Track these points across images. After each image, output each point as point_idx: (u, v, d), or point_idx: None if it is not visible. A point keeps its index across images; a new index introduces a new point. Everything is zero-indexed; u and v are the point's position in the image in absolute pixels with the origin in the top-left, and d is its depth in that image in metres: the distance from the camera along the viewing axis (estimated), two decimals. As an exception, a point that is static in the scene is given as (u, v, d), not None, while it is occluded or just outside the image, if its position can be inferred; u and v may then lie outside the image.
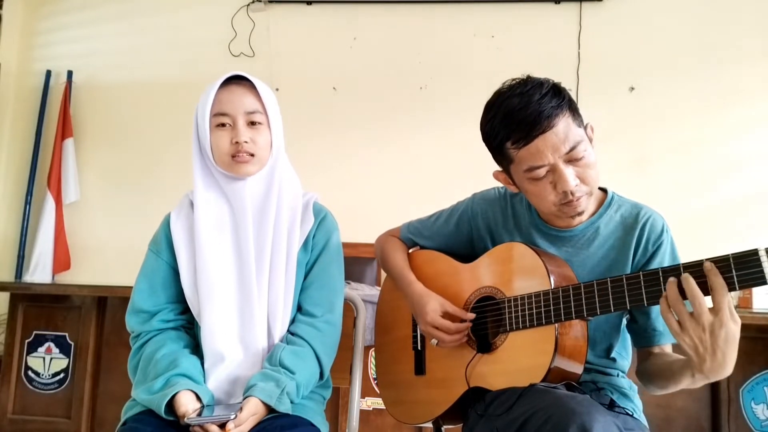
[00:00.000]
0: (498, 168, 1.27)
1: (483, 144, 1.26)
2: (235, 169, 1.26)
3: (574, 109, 1.15)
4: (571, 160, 1.13)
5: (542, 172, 1.14)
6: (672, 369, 1.12)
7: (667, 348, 1.24)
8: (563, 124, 1.12)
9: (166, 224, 1.31)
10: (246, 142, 1.24)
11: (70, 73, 3.85)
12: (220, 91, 1.26)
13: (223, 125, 1.25)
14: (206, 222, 1.26)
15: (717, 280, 0.94)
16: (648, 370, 1.22)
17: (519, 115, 1.12)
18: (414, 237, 1.49)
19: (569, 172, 1.13)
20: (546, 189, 1.15)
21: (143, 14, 3.92)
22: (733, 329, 0.95)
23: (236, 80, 1.27)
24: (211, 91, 1.25)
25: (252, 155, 1.25)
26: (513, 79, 1.20)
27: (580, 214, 1.20)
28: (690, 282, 0.96)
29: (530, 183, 1.17)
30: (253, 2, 3.81)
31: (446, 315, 1.28)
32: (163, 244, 1.30)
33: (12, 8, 3.96)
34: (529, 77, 1.18)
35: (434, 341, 1.30)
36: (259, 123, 1.26)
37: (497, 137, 1.17)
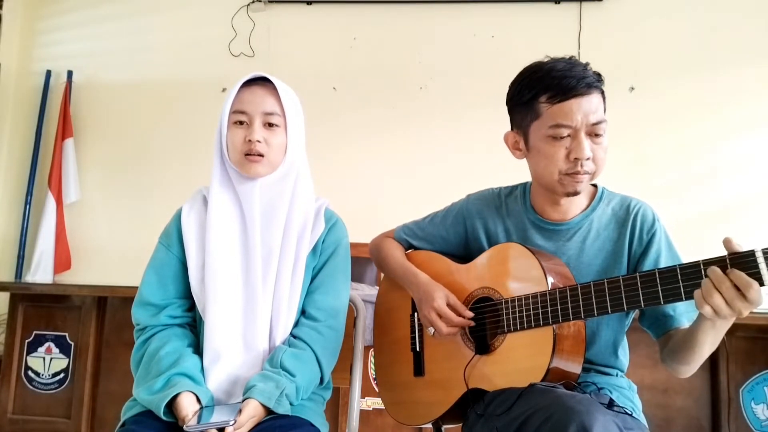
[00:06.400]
0: (511, 130, 1.30)
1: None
2: (245, 168, 1.26)
3: (604, 98, 1.22)
4: (592, 134, 1.18)
5: (564, 132, 1.18)
6: (689, 330, 1.14)
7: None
8: (597, 99, 1.19)
9: (178, 218, 1.32)
10: (259, 141, 1.24)
11: (70, 73, 3.85)
12: (243, 90, 1.27)
13: (241, 123, 1.27)
14: (218, 219, 1.26)
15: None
16: (671, 350, 1.21)
17: (563, 74, 1.18)
18: (409, 238, 1.49)
19: (587, 143, 1.18)
20: (559, 152, 1.19)
21: (143, 14, 3.92)
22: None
23: (260, 81, 1.28)
24: (234, 89, 1.27)
25: (262, 156, 1.25)
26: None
27: (576, 193, 1.22)
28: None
29: (547, 142, 1.20)
30: (253, 2, 3.81)
31: (450, 307, 1.29)
32: (174, 238, 1.30)
33: (12, 8, 3.95)
34: (572, 57, 1.25)
35: (431, 330, 1.31)
36: (276, 125, 1.27)
37: (531, 91, 1.21)
